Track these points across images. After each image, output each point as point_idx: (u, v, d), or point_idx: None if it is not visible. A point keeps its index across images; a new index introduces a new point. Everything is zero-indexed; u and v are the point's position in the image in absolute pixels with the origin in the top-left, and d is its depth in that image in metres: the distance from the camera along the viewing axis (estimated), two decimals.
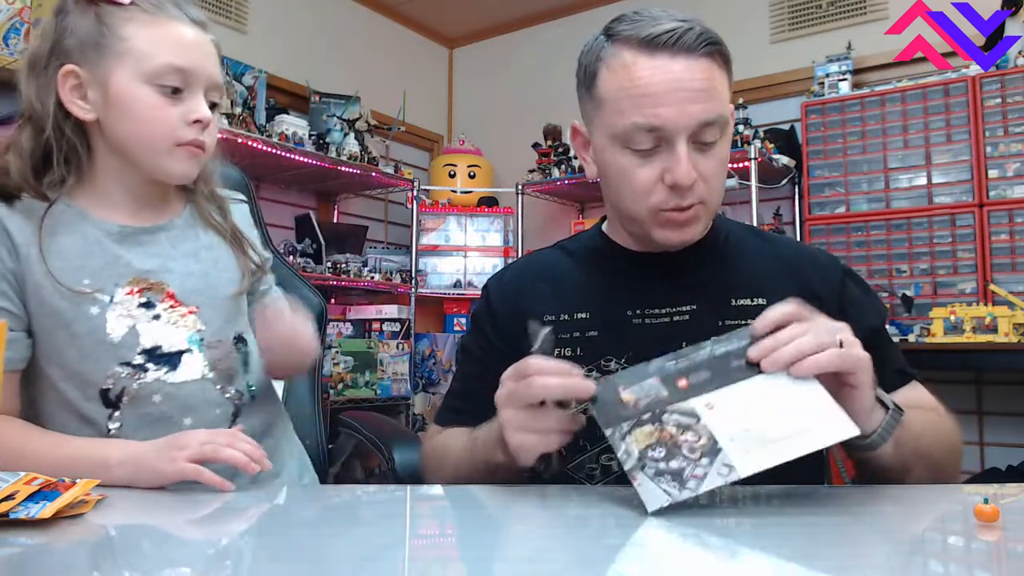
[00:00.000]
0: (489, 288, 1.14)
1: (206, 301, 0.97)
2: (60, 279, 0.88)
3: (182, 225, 0.99)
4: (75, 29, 0.90)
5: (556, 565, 0.60)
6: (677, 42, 0.90)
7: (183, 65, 0.90)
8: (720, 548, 0.64)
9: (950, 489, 0.86)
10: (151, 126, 0.90)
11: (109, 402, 0.91)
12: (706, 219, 0.98)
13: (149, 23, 0.90)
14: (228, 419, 0.98)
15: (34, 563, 0.59)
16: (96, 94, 0.90)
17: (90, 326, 0.90)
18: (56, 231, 0.90)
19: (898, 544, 0.66)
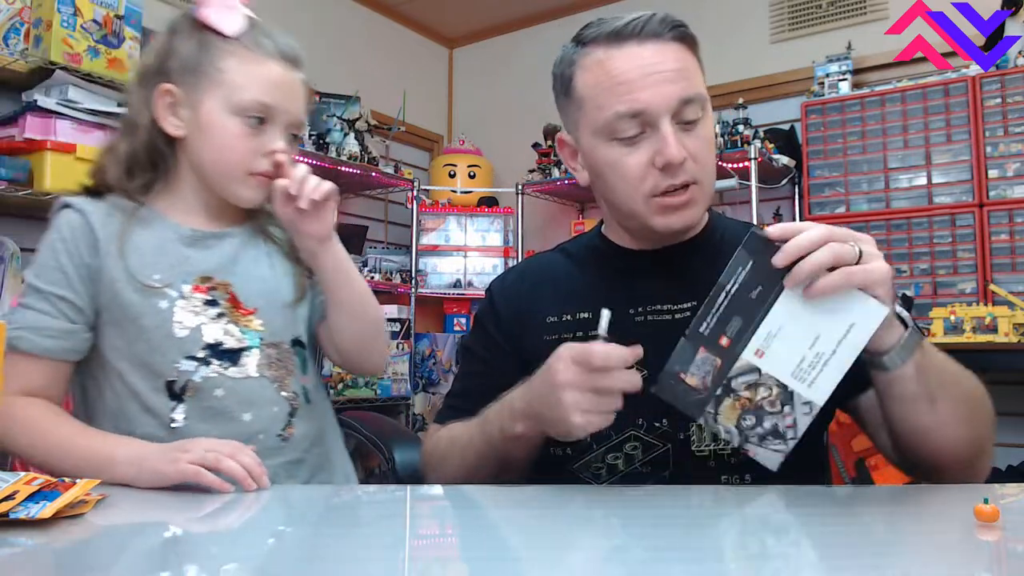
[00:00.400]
0: (492, 290, 1.15)
1: (265, 304, 1.02)
2: (134, 273, 0.95)
3: (244, 234, 1.05)
4: (180, 51, 0.98)
5: (558, 565, 0.60)
6: (643, 29, 0.93)
7: (269, 103, 0.97)
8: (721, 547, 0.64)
9: (950, 489, 0.85)
10: (229, 154, 0.97)
11: (174, 394, 0.96)
12: (702, 201, 0.98)
13: (247, 59, 0.98)
14: (284, 419, 1.02)
15: (34, 563, 0.59)
16: (187, 114, 0.98)
17: (159, 319, 0.95)
18: (135, 230, 0.97)
19: (898, 544, 0.66)
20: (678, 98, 0.92)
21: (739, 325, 0.79)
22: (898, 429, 0.87)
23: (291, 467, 1.03)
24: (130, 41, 2.63)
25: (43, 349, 0.94)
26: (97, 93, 2.55)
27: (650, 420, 0.96)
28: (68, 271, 0.95)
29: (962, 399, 0.86)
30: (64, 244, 0.96)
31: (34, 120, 2.41)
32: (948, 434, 0.85)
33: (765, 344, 0.79)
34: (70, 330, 0.95)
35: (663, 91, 0.91)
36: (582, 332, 1.03)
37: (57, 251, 0.96)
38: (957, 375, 0.88)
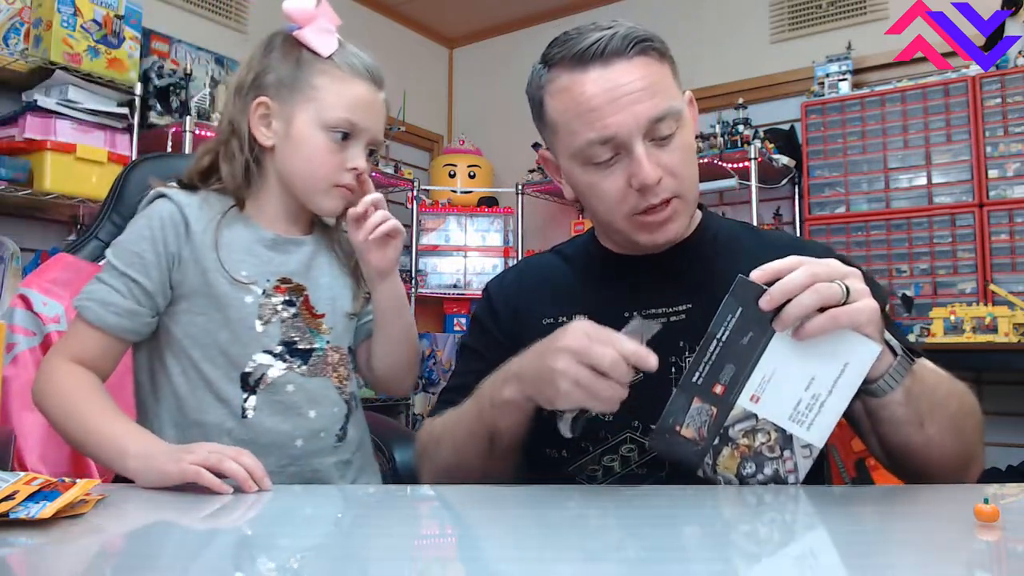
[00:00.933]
0: (490, 289, 1.16)
1: (331, 310, 1.09)
2: (225, 265, 1.01)
3: (316, 243, 1.12)
4: (276, 67, 1.05)
5: (557, 565, 0.60)
6: (605, 50, 0.91)
7: (356, 121, 1.04)
8: (721, 547, 0.64)
9: (950, 489, 0.86)
10: (315, 167, 1.04)
11: (247, 386, 1.01)
12: (685, 213, 0.98)
13: (338, 79, 1.04)
14: (342, 419, 1.09)
15: (34, 563, 0.59)
16: (279, 126, 1.05)
17: (244, 313, 1.01)
18: (227, 227, 1.04)
19: (897, 544, 0.66)
20: (647, 118, 0.90)
21: (732, 372, 0.78)
22: (887, 445, 0.88)
23: (343, 467, 1.09)
24: (130, 41, 2.63)
25: (105, 324, 0.98)
26: (97, 93, 2.55)
27: (645, 422, 0.96)
28: (147, 258, 1.00)
29: (952, 418, 0.86)
30: (151, 232, 1.00)
31: (34, 120, 2.42)
32: (937, 452, 0.86)
33: (760, 389, 0.78)
34: (135, 311, 0.99)
35: (632, 113, 0.90)
36: None
37: (143, 237, 1.00)
38: (948, 394, 0.87)
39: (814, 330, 0.76)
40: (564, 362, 0.79)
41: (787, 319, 0.76)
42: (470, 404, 0.96)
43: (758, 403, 0.78)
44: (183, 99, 2.95)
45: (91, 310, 0.97)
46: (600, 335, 0.79)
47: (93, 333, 0.98)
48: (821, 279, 0.76)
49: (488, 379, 0.94)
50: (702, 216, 1.08)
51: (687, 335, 0.99)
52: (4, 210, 2.60)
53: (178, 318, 1.02)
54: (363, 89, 1.06)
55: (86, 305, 0.98)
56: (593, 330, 0.80)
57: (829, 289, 0.76)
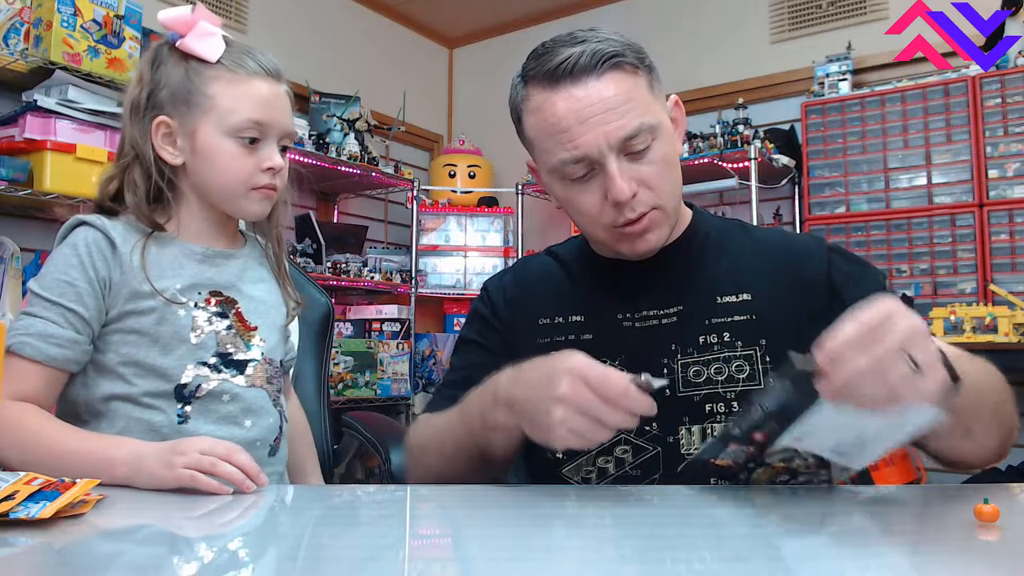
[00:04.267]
0: (489, 287, 1.16)
1: (263, 323, 1.08)
2: (155, 284, 0.99)
3: (246, 256, 1.11)
4: (168, 82, 1.02)
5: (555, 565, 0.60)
6: (574, 69, 0.90)
7: (260, 119, 1.01)
8: (720, 546, 0.64)
9: (950, 489, 0.85)
10: (230, 174, 1.02)
11: (182, 397, 1.00)
12: (666, 223, 0.97)
13: (232, 81, 1.01)
14: (276, 431, 1.08)
15: (34, 563, 0.59)
16: (184, 142, 1.02)
17: (177, 327, 1.00)
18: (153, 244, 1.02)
19: (898, 544, 0.66)
20: (617, 137, 0.90)
21: (775, 427, 0.74)
22: (930, 451, 0.85)
23: (276, 478, 1.08)
24: (130, 41, 2.63)
25: (48, 357, 0.95)
26: (97, 93, 2.55)
27: (641, 424, 0.96)
28: (80, 286, 0.98)
29: (994, 412, 0.83)
30: (79, 259, 0.98)
31: (34, 120, 2.41)
32: (983, 449, 0.84)
33: (803, 433, 0.73)
34: (76, 340, 0.97)
35: (602, 132, 0.89)
36: (573, 335, 1.04)
37: (71, 266, 0.98)
38: (986, 392, 0.83)
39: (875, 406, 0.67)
40: (563, 412, 0.76)
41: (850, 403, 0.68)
42: (457, 419, 0.95)
43: (800, 442, 0.74)
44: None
45: (29, 346, 0.94)
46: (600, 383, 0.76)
47: (33, 369, 0.95)
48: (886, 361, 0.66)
49: (476, 394, 0.91)
50: (693, 215, 1.08)
51: (678, 336, 0.99)
52: (4, 210, 2.60)
53: (107, 339, 1.00)
54: (262, 86, 1.03)
55: (24, 341, 0.94)
56: (593, 377, 0.76)
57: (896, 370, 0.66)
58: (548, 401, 0.77)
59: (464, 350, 1.15)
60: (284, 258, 1.17)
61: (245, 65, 1.02)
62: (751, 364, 0.96)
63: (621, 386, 0.75)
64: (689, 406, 0.96)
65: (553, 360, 0.80)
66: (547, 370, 0.80)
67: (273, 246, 1.15)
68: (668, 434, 0.96)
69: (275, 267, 1.15)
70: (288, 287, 1.15)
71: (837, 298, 0.97)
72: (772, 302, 0.98)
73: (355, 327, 3.66)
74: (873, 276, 1.02)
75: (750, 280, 1.00)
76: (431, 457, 1.01)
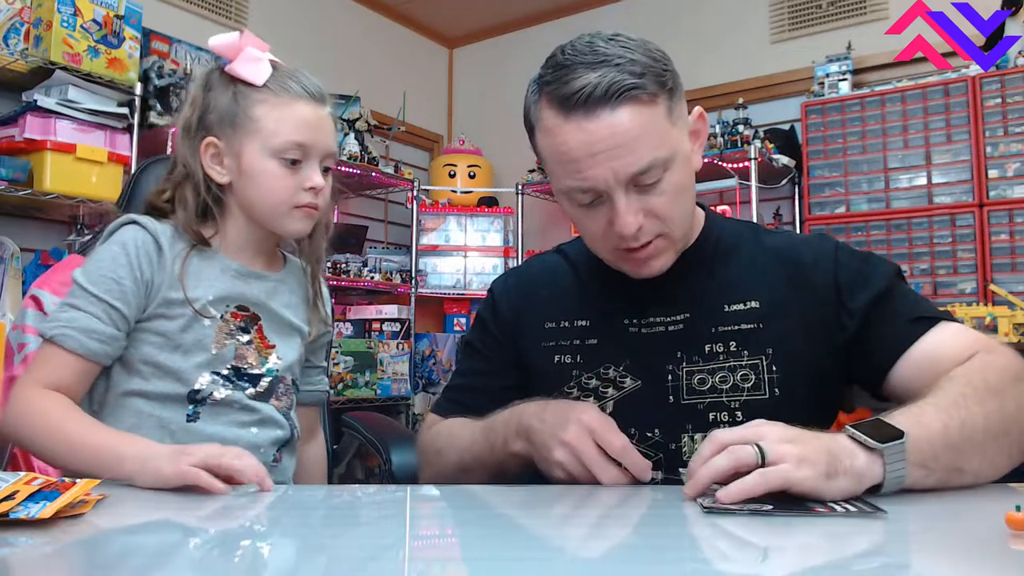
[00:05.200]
0: (494, 290, 1.16)
1: (282, 342, 1.12)
2: (189, 293, 1.04)
3: (280, 279, 1.15)
4: (216, 105, 1.07)
5: (556, 564, 0.60)
6: (588, 100, 0.87)
7: (303, 141, 1.06)
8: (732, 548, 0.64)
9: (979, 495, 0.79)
10: (273, 194, 1.06)
11: (194, 400, 1.03)
12: (673, 248, 0.96)
13: (276, 105, 1.06)
14: (282, 441, 1.11)
15: (34, 563, 0.59)
16: (231, 162, 1.07)
17: (199, 335, 1.04)
18: (195, 256, 1.07)
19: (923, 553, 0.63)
20: (626, 174, 0.88)
21: None
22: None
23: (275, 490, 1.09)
24: (130, 41, 2.63)
25: (88, 351, 0.98)
26: (97, 93, 2.55)
27: (642, 430, 0.97)
28: (125, 284, 1.01)
29: (995, 436, 0.79)
30: (127, 258, 1.02)
31: (34, 120, 2.41)
32: (986, 474, 0.80)
33: None
34: (116, 336, 1.00)
35: (611, 168, 0.88)
36: (578, 340, 1.04)
37: (118, 264, 1.02)
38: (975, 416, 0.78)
39: (740, 494, 0.69)
40: (563, 455, 0.85)
41: (699, 482, 0.72)
42: (482, 436, 0.98)
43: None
44: (183, 99, 2.94)
45: (73, 338, 0.97)
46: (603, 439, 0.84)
47: (72, 360, 0.98)
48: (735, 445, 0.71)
49: (503, 417, 0.95)
50: (705, 220, 1.06)
51: (684, 343, 0.99)
52: (4, 210, 2.60)
53: (135, 337, 1.03)
54: (305, 109, 1.07)
55: (67, 333, 0.97)
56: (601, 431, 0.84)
57: (743, 450, 0.71)
58: (555, 440, 0.86)
59: (467, 354, 1.17)
60: (320, 281, 1.21)
61: (289, 88, 1.07)
62: (756, 373, 0.96)
63: (619, 445, 0.84)
64: (693, 414, 0.96)
65: (573, 407, 0.88)
66: (565, 413, 0.87)
67: (312, 267, 1.19)
68: (671, 441, 0.96)
69: (310, 289, 1.19)
70: (320, 310, 1.19)
71: (841, 300, 0.97)
72: (779, 310, 0.97)
73: (355, 327, 3.66)
74: (878, 271, 0.99)
75: (758, 288, 0.99)
76: (447, 464, 1.03)
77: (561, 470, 0.85)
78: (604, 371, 1.01)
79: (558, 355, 1.04)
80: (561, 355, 1.04)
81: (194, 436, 1.00)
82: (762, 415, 0.78)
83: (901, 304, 0.96)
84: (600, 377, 1.00)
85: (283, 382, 1.12)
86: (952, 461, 0.76)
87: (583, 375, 1.02)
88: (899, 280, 0.98)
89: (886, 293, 0.96)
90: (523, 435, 0.91)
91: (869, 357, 0.95)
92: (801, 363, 0.96)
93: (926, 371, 0.89)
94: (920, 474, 0.74)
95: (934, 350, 0.91)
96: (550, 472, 0.87)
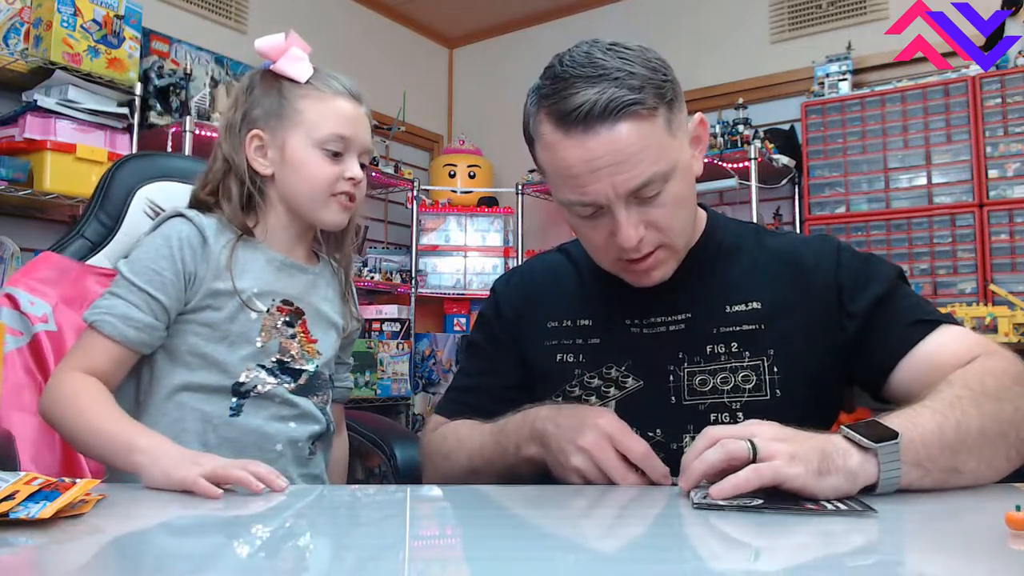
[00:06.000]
0: (497, 290, 1.16)
1: (323, 337, 1.15)
2: (236, 285, 1.07)
3: (318, 273, 1.19)
4: (261, 102, 1.12)
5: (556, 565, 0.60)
6: (587, 117, 0.86)
7: (344, 134, 1.11)
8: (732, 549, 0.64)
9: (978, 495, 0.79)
10: (316, 181, 1.10)
11: (239, 393, 1.06)
12: (674, 258, 0.97)
13: (319, 99, 1.11)
14: (319, 435, 1.13)
15: (34, 563, 0.59)
16: (275, 154, 1.12)
17: (245, 327, 1.07)
18: (240, 248, 1.10)
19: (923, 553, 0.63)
20: (627, 188, 0.88)
21: None
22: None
23: (311, 480, 1.14)
24: (130, 41, 2.63)
25: (125, 338, 1.01)
26: (97, 93, 2.55)
27: (644, 431, 0.96)
28: (166, 276, 1.04)
29: (992, 438, 0.79)
30: (170, 251, 1.05)
31: (34, 120, 2.41)
32: (988, 477, 0.80)
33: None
34: (153, 326, 1.03)
35: (611, 183, 0.88)
36: (581, 339, 1.04)
37: (161, 255, 1.05)
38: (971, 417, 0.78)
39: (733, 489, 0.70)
40: (581, 461, 0.85)
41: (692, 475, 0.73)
42: (492, 440, 0.97)
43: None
44: (183, 99, 2.95)
45: (111, 324, 1.00)
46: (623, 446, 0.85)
47: (110, 346, 1.01)
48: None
49: (514, 421, 0.95)
50: (707, 221, 1.06)
51: (685, 344, 0.99)
52: (4, 210, 2.60)
53: (181, 328, 1.06)
54: (345, 105, 1.12)
55: (105, 319, 1.00)
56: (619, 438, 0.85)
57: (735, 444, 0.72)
58: (572, 446, 0.86)
59: (470, 354, 1.18)
60: (351, 278, 1.26)
61: (331, 86, 1.12)
62: (758, 374, 0.96)
63: (640, 451, 0.84)
64: (694, 415, 0.96)
65: (588, 411, 0.89)
66: (580, 417, 0.88)
67: (345, 264, 1.23)
68: (672, 441, 0.96)
69: (343, 286, 1.23)
70: (352, 306, 1.23)
71: (842, 301, 0.97)
72: (781, 311, 0.97)
73: None
74: (880, 272, 0.99)
75: (760, 289, 0.99)
76: (455, 467, 1.03)
77: (578, 475, 0.86)
78: (607, 371, 1.01)
79: (560, 354, 1.04)
80: (563, 354, 1.04)
81: (236, 430, 1.04)
82: (763, 416, 0.78)
83: (903, 307, 0.96)
84: (602, 377, 1.01)
85: (322, 377, 1.15)
86: (948, 462, 0.76)
87: (585, 374, 1.02)
88: (901, 282, 0.98)
89: (887, 295, 0.96)
90: (537, 439, 0.90)
91: (870, 359, 0.95)
92: (802, 364, 0.96)
93: (927, 374, 0.89)
94: (916, 474, 0.75)
95: (935, 353, 0.90)
96: (566, 477, 0.87)
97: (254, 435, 1.05)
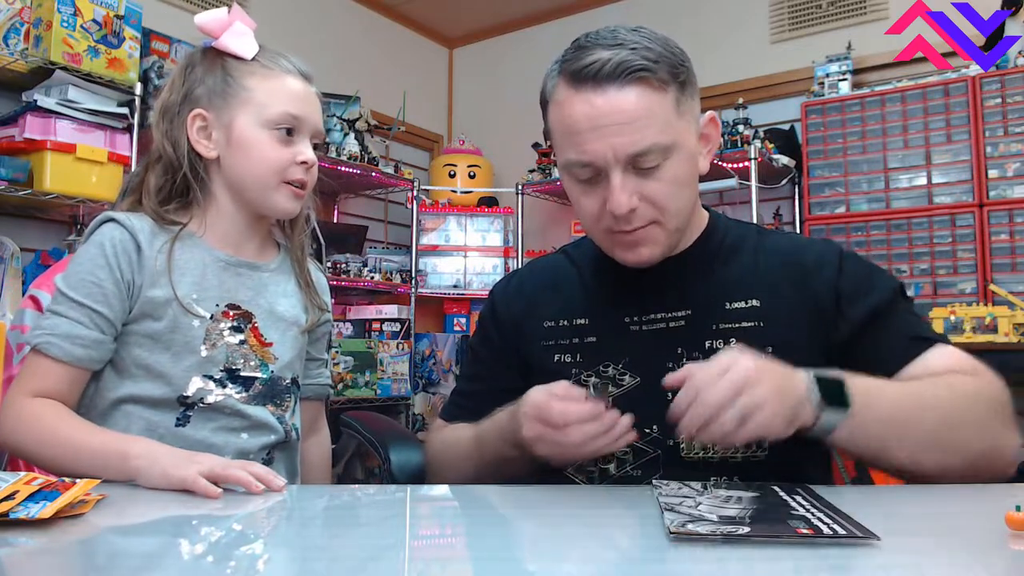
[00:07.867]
0: (495, 294, 1.17)
1: (279, 339, 1.08)
2: (176, 291, 1.00)
3: (274, 270, 1.12)
4: (205, 79, 1.05)
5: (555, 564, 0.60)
6: (597, 74, 0.89)
7: (296, 113, 1.04)
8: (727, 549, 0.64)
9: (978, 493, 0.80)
10: (266, 164, 1.03)
11: (185, 406, 1.00)
12: (665, 239, 0.96)
13: (268, 76, 1.05)
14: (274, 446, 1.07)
15: (34, 563, 0.59)
16: (220, 135, 1.04)
17: (189, 337, 1.00)
18: (179, 250, 1.03)
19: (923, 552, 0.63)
20: (625, 152, 0.89)
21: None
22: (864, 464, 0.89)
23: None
24: (130, 41, 2.63)
25: (73, 357, 0.96)
26: (97, 93, 2.55)
27: (640, 427, 0.96)
28: (106, 286, 0.98)
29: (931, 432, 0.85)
30: (106, 259, 0.99)
31: (34, 120, 2.41)
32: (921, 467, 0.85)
33: None
34: (101, 340, 0.98)
35: (610, 145, 0.89)
36: (577, 338, 1.04)
37: (97, 265, 0.99)
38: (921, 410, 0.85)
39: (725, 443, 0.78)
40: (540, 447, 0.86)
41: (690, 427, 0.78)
42: (495, 431, 0.98)
43: None
44: None
45: (56, 346, 0.95)
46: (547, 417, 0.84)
47: (58, 368, 0.96)
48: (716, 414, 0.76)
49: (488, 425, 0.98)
50: (709, 221, 1.07)
51: (685, 341, 0.99)
52: (4, 210, 2.60)
53: (124, 339, 1.01)
54: (296, 83, 1.06)
55: (50, 341, 0.95)
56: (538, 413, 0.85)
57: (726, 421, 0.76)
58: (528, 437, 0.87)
59: (470, 358, 1.19)
60: (307, 265, 1.17)
61: (280, 64, 1.06)
62: None
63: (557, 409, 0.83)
64: None
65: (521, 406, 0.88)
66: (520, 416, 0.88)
67: (295, 253, 1.15)
68: (668, 438, 0.96)
69: (299, 275, 1.15)
70: (312, 295, 1.15)
71: (840, 306, 0.97)
72: (780, 309, 0.98)
73: (355, 327, 3.66)
74: (881, 283, 1.00)
75: (759, 286, 1.00)
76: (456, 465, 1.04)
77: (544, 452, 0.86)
78: (603, 369, 1.01)
79: (558, 354, 1.04)
80: (561, 354, 1.04)
81: (182, 441, 0.98)
82: None
83: (901, 322, 0.97)
84: (599, 375, 1.01)
85: (281, 383, 1.08)
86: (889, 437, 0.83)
87: (582, 373, 1.02)
88: (901, 297, 0.99)
89: (885, 308, 0.97)
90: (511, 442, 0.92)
91: (863, 369, 0.95)
92: (801, 362, 0.95)
93: None
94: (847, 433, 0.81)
95: (926, 370, 0.92)
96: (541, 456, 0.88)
97: (201, 446, 0.97)
